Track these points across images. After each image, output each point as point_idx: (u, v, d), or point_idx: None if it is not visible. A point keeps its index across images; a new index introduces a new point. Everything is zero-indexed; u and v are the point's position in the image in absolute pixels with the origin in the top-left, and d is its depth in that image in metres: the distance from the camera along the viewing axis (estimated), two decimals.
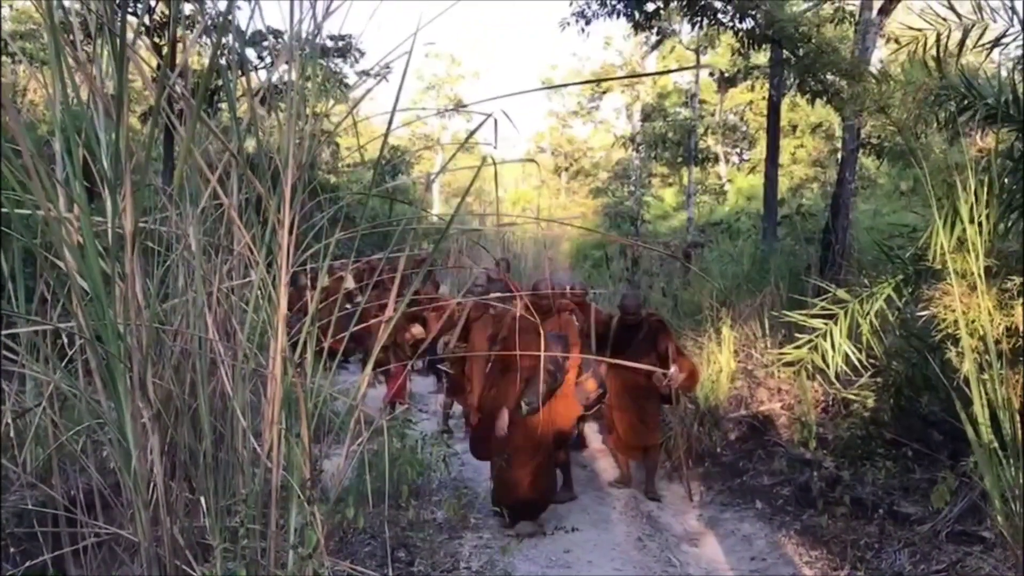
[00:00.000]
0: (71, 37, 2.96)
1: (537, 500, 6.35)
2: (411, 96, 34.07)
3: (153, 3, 10.58)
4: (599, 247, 20.87)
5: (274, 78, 3.75)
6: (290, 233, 2.82)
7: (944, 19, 6.05)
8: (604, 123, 35.30)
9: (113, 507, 3.01)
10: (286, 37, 2.99)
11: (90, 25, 2.93)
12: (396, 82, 3.34)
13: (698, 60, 20.55)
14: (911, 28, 6.38)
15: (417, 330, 9.85)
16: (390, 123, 3.08)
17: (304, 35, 2.97)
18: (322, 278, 2.97)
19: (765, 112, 20.06)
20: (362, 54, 14.26)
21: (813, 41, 9.92)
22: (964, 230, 4.89)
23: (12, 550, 3.90)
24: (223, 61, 3.19)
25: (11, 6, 19.70)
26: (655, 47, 24.99)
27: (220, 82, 3.77)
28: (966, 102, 5.58)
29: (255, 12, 3.18)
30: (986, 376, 4.50)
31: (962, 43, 5.97)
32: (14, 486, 4.29)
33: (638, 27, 12.25)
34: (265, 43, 11.76)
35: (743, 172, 27.27)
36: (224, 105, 12.26)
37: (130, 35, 2.95)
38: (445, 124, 34.95)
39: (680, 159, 18.56)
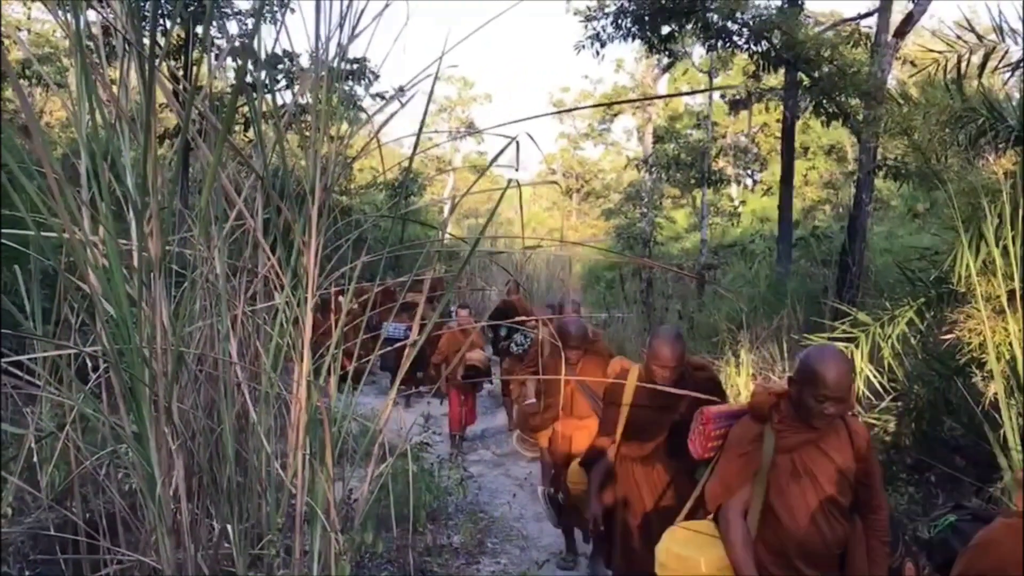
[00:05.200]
0: (95, 58, 2.96)
1: None
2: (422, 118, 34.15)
3: (169, 25, 10.65)
4: (611, 268, 20.86)
5: (292, 101, 3.75)
6: (315, 256, 2.80)
7: (965, 41, 6.03)
8: (615, 145, 35.37)
9: (132, 531, 2.98)
10: (304, 59, 2.98)
11: (116, 46, 2.93)
12: (412, 105, 3.34)
13: (711, 82, 20.58)
14: (931, 51, 6.36)
15: (476, 354, 9.76)
16: (415, 147, 3.07)
17: (329, 58, 2.96)
18: (347, 301, 2.94)
19: (777, 134, 20.13)
20: (376, 76, 14.29)
21: (835, 63, 9.90)
22: (989, 253, 4.85)
23: (27, 574, 3.87)
24: (241, 83, 3.18)
25: (28, 30, 19.91)
26: (667, 69, 25.06)
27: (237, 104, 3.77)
28: (987, 124, 5.56)
29: (279, 35, 3.19)
30: (1015, 400, 4.45)
31: (983, 65, 5.95)
32: (30, 509, 4.27)
33: (652, 50, 12.27)
34: (281, 65, 11.81)
35: (757, 194, 27.25)
36: (238, 127, 12.33)
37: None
38: (457, 146, 35.09)
39: (693, 180, 18.52)
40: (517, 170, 2.97)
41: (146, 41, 2.75)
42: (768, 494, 3.16)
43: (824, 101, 10.53)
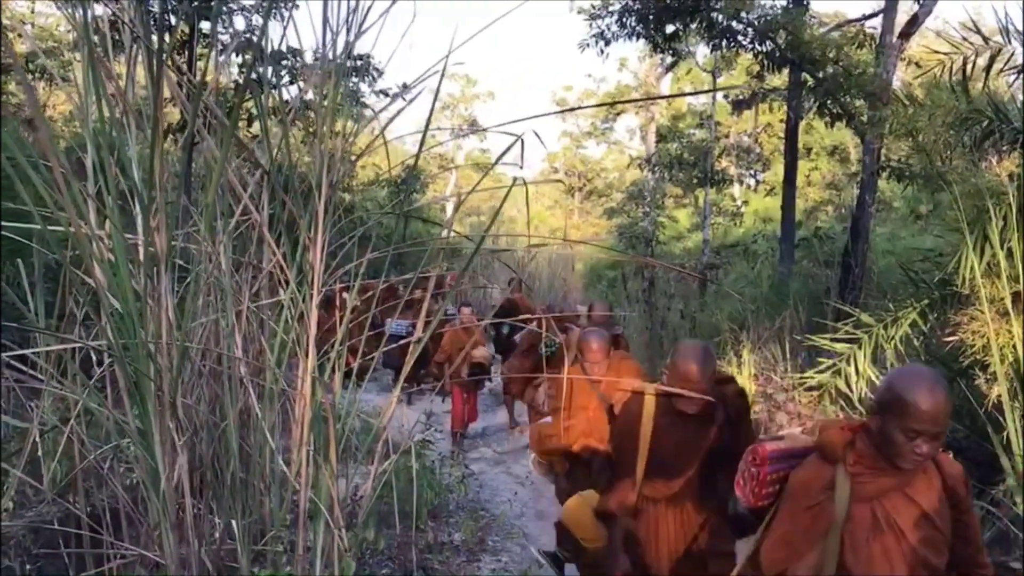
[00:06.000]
0: (100, 52, 2.95)
1: None
2: (426, 115, 34.19)
3: (174, 20, 10.65)
4: (613, 267, 20.84)
5: (297, 97, 3.75)
6: (321, 252, 2.80)
7: (971, 43, 6.02)
8: (618, 144, 35.32)
9: (134, 525, 2.98)
10: (308, 56, 2.98)
11: (122, 40, 2.93)
12: (414, 103, 3.35)
13: (714, 82, 20.56)
14: (936, 52, 6.35)
15: (481, 352, 9.74)
16: (422, 144, 3.07)
17: (336, 55, 2.96)
18: (352, 298, 2.94)
19: (780, 134, 20.10)
20: (380, 73, 14.29)
21: (840, 64, 9.89)
22: (994, 255, 4.85)
23: (28, 567, 3.87)
24: (249, 79, 3.19)
25: (32, 24, 19.91)
26: (670, 68, 25.02)
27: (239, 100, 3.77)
28: (991, 126, 5.56)
29: (286, 31, 3.19)
30: (1018, 402, 4.45)
31: (989, 67, 5.94)
32: (31, 503, 4.27)
33: (657, 48, 12.27)
34: (285, 62, 11.81)
35: (760, 194, 27.23)
36: (240, 122, 12.31)
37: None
38: (460, 144, 35.11)
39: (695, 180, 18.53)
40: (522, 168, 2.98)
41: (154, 36, 2.75)
42: (843, 555, 2.55)
43: (828, 102, 10.52)
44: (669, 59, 20.28)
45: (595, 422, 5.09)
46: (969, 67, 6.04)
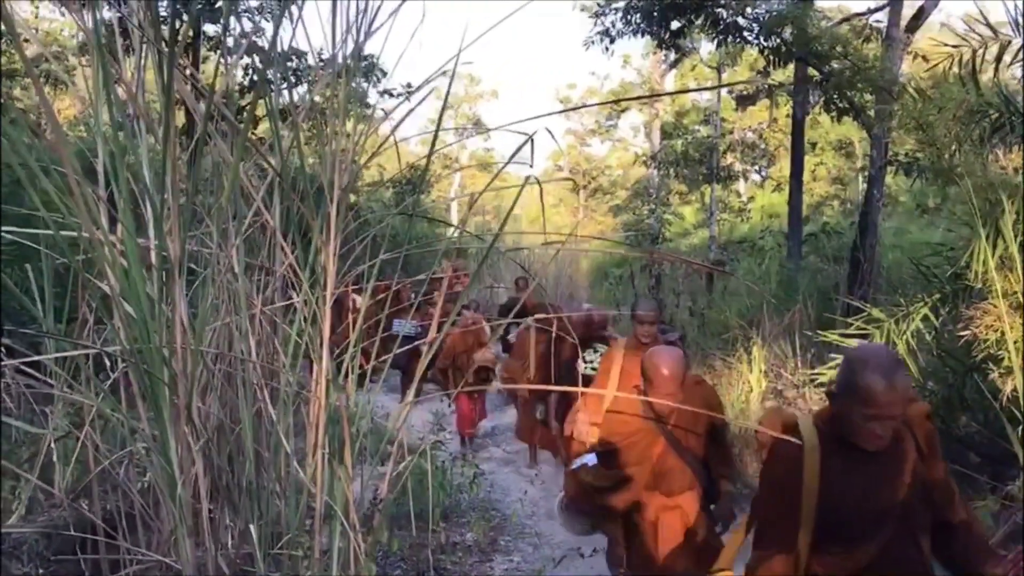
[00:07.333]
0: (110, 56, 2.94)
1: None
2: (429, 115, 34.35)
3: (179, 24, 10.64)
4: (619, 265, 20.83)
5: (307, 98, 3.74)
6: (334, 255, 2.78)
7: (979, 35, 5.99)
8: (622, 141, 35.26)
9: (149, 530, 2.97)
10: (312, 57, 2.96)
11: (129, 44, 2.92)
12: (422, 102, 3.33)
13: (719, 78, 20.53)
14: (945, 44, 6.31)
15: (486, 355, 9.64)
16: (433, 145, 3.06)
17: (346, 56, 2.94)
18: (365, 300, 2.93)
19: (785, 129, 20.05)
20: (384, 74, 14.29)
21: (849, 58, 9.87)
22: (1007, 248, 4.82)
23: (41, 571, 3.87)
24: (261, 80, 3.18)
25: (36, 28, 19.94)
26: (674, 65, 25.00)
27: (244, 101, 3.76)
28: (1003, 119, 5.53)
29: (295, 31, 3.17)
30: None
31: (998, 59, 5.91)
32: (43, 508, 4.27)
33: (662, 45, 12.27)
34: (290, 63, 11.81)
35: (766, 190, 27.20)
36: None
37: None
38: (464, 143, 35.09)
39: (701, 176, 18.53)
40: (532, 166, 2.96)
41: (164, 38, 2.74)
42: None
43: (836, 96, 10.50)
44: (673, 56, 20.25)
45: (664, 474, 4.10)
46: (977, 60, 6.01)
